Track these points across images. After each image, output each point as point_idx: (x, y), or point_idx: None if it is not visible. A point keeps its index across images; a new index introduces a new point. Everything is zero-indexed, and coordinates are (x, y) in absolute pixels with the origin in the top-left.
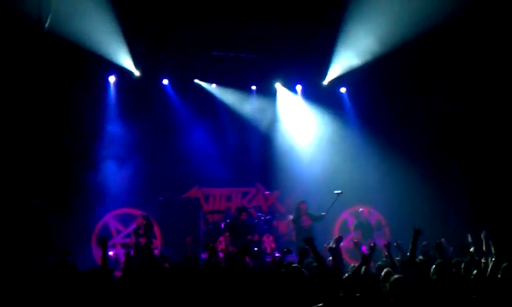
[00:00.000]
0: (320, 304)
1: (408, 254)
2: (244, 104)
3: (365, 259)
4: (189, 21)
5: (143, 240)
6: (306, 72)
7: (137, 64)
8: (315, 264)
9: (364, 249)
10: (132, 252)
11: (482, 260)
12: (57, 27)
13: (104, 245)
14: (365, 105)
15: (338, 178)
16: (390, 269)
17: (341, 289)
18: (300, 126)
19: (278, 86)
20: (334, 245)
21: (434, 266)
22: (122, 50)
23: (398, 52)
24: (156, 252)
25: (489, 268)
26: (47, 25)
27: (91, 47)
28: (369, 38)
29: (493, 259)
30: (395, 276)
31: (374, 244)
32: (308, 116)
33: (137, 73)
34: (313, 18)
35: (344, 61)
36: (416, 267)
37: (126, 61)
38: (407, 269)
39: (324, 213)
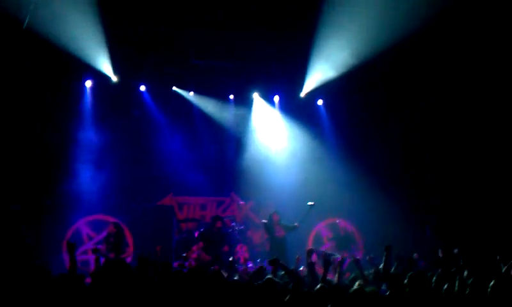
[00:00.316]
0: None
1: (381, 267)
2: (222, 113)
3: (326, 263)
4: (169, 28)
5: (112, 255)
6: (283, 83)
7: (115, 69)
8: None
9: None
10: (102, 260)
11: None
12: (37, 26)
13: (72, 250)
14: (342, 118)
15: (313, 189)
16: (361, 281)
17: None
18: (276, 137)
19: (256, 96)
20: (308, 260)
21: (407, 278)
22: (101, 54)
23: (373, 63)
24: (128, 260)
25: (457, 283)
26: (26, 21)
27: (70, 48)
28: (343, 50)
29: (462, 274)
30: (368, 288)
31: (343, 257)
32: (285, 127)
33: (114, 78)
34: (288, 29)
35: (319, 73)
36: (391, 279)
37: (104, 65)
38: (379, 282)
39: (297, 224)
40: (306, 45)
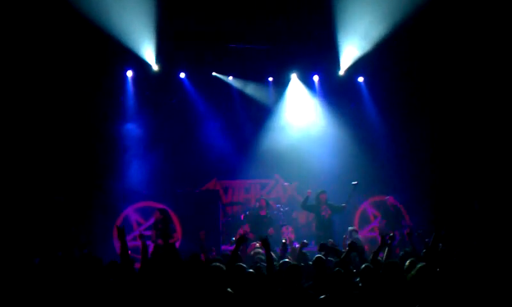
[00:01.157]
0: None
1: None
2: (262, 96)
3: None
4: (205, 14)
5: (160, 241)
6: (321, 63)
7: (156, 58)
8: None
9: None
10: (151, 246)
11: None
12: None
13: (122, 235)
14: (383, 94)
15: (357, 169)
16: (413, 258)
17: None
18: (317, 117)
19: (294, 77)
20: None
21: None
22: (143, 43)
23: (405, 30)
24: (177, 244)
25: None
26: None
27: (112, 36)
28: (369, 18)
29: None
30: (420, 264)
31: (394, 234)
32: (325, 106)
33: (155, 67)
34: (312, 7)
35: (353, 47)
36: (439, 255)
37: (146, 54)
38: (430, 258)
39: (344, 205)
40: (331, 21)
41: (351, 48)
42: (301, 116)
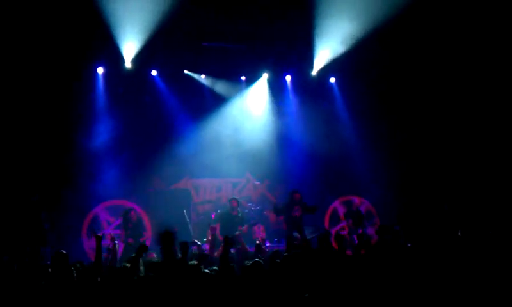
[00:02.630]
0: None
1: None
2: (234, 95)
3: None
4: (179, 12)
5: (130, 240)
6: (294, 62)
7: (127, 55)
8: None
9: (355, 238)
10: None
11: None
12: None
13: (99, 242)
14: (355, 94)
15: (328, 167)
16: None
17: None
18: (289, 117)
19: (266, 76)
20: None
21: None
22: (113, 39)
23: (380, 34)
24: (147, 243)
25: None
26: None
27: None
28: (346, 21)
29: None
30: None
31: (364, 233)
32: (298, 106)
33: (127, 64)
34: (291, 6)
35: (328, 49)
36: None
37: (118, 50)
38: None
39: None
40: (309, 21)
41: (327, 50)
42: (272, 115)
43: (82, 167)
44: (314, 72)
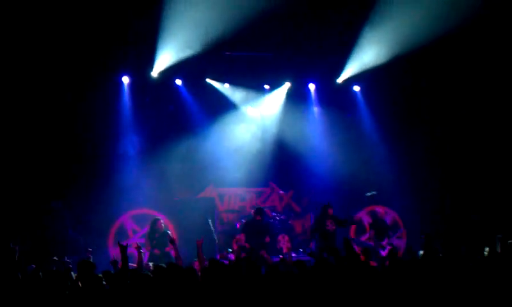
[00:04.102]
0: None
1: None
2: (258, 103)
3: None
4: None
5: (156, 251)
6: (319, 71)
7: (153, 64)
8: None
9: (382, 252)
10: (146, 254)
11: None
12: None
13: (124, 251)
14: (379, 103)
15: (353, 177)
16: None
17: None
18: (313, 126)
19: (290, 84)
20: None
21: None
22: (142, 49)
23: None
24: (172, 253)
25: None
26: None
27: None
28: (390, 37)
29: None
30: None
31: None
32: (322, 114)
33: (153, 73)
34: (335, 20)
35: (361, 60)
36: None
37: (143, 60)
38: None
39: (347, 219)
40: (352, 32)
41: (361, 60)
42: (296, 125)
43: (108, 176)
44: (339, 80)
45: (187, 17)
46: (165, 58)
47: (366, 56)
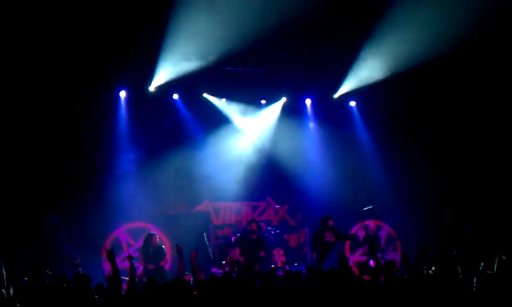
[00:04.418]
0: None
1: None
2: (254, 118)
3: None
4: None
5: (151, 266)
6: (316, 86)
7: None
8: None
9: (371, 263)
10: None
11: None
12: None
13: (112, 258)
14: (375, 118)
15: (349, 192)
16: None
17: None
18: (309, 140)
19: (286, 100)
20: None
21: None
22: (139, 63)
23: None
24: (166, 267)
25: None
26: None
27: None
28: (388, 54)
29: None
30: None
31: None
32: (318, 129)
33: (151, 88)
34: (338, 34)
35: (358, 76)
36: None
37: (141, 74)
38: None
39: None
40: (345, 51)
41: (358, 77)
42: (292, 139)
43: (103, 190)
44: (336, 96)
45: (187, 33)
46: (163, 73)
47: (363, 72)
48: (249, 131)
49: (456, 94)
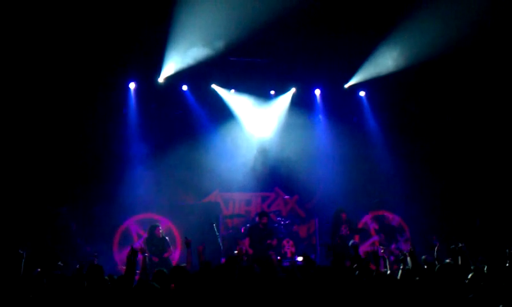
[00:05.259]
0: None
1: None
2: (263, 109)
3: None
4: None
5: (155, 259)
6: (325, 76)
7: (160, 70)
8: None
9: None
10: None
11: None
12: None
13: (134, 256)
14: (385, 109)
15: (357, 183)
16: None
17: None
18: (319, 131)
19: (295, 90)
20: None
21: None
22: (146, 55)
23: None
24: (175, 257)
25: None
26: None
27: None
28: (402, 47)
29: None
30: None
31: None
32: (327, 120)
33: (160, 79)
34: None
35: (370, 67)
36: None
37: (150, 66)
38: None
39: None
40: (357, 43)
41: (371, 69)
42: (301, 129)
43: (113, 181)
44: (346, 86)
45: (195, 23)
46: (172, 64)
47: (375, 63)
48: (259, 122)
49: (466, 87)
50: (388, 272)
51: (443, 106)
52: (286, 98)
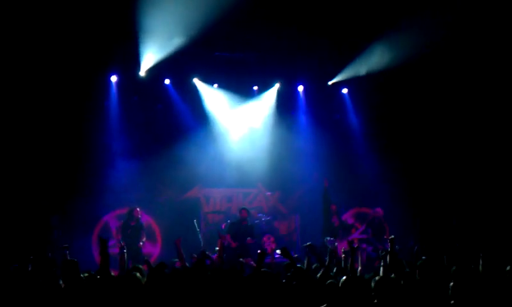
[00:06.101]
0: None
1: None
2: (246, 104)
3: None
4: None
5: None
6: (309, 73)
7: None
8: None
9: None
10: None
11: None
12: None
13: (104, 246)
14: (367, 106)
15: (339, 179)
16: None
17: None
18: (301, 127)
19: (278, 86)
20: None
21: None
22: (127, 47)
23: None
24: (157, 252)
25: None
26: None
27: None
28: (387, 46)
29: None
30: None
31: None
32: (310, 116)
33: (141, 73)
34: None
35: (354, 65)
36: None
37: (131, 59)
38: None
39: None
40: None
41: (352, 69)
42: (283, 126)
43: (93, 175)
44: (330, 83)
45: (168, 13)
46: (150, 56)
47: (360, 62)
48: (241, 117)
49: (448, 86)
50: (359, 268)
51: (425, 105)
52: (271, 94)
